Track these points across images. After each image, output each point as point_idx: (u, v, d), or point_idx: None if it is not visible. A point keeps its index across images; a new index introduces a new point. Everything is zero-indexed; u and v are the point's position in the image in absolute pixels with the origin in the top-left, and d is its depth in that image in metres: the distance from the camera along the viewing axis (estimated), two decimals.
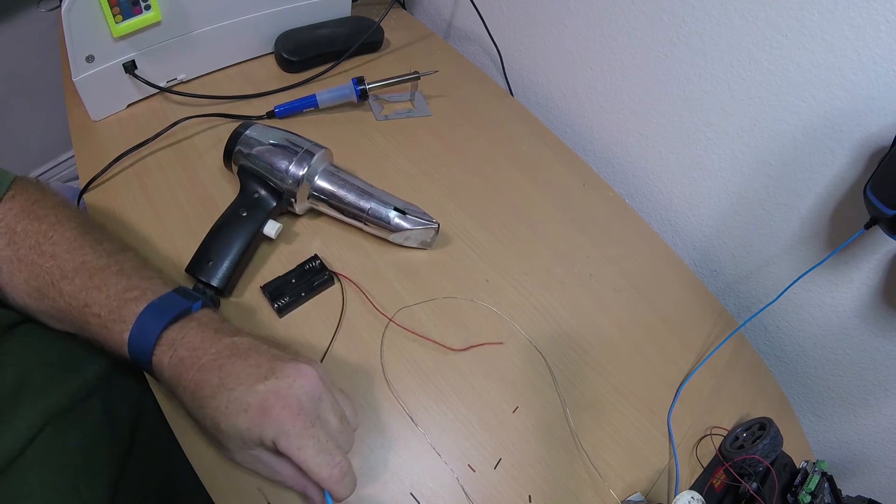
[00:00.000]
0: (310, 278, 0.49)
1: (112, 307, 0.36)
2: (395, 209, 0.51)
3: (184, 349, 0.35)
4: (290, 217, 0.54)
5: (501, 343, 0.50)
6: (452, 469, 0.43)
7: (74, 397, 0.39)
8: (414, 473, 0.42)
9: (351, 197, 0.51)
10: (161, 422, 0.40)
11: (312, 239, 0.54)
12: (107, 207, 0.52)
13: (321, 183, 0.51)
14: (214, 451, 0.39)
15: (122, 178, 0.54)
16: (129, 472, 0.40)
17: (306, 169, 0.49)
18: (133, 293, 0.36)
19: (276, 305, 0.47)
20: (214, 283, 0.45)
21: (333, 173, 0.52)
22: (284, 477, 0.36)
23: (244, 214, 0.49)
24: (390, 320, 0.49)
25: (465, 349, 0.49)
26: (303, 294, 0.48)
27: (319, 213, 0.55)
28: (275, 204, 0.50)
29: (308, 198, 0.52)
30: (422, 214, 0.52)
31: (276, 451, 0.33)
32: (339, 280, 0.51)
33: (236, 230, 0.48)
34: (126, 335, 0.35)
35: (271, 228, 0.49)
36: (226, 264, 0.46)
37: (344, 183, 0.51)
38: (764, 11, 0.51)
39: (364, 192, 0.51)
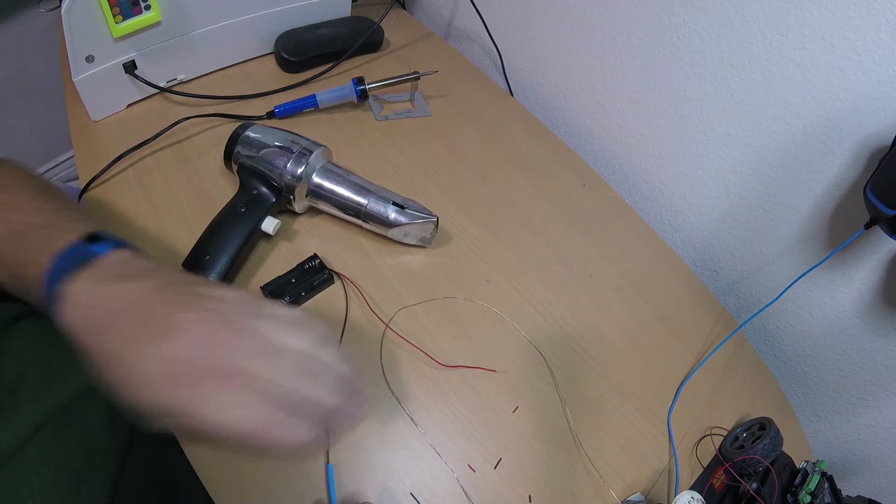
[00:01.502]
0: (309, 278, 0.49)
1: (39, 264, 0.32)
2: (394, 203, 0.51)
3: (80, 307, 0.30)
4: (290, 216, 0.54)
5: (495, 371, 0.48)
6: (452, 469, 0.43)
7: (74, 396, 0.39)
8: (414, 473, 0.42)
9: (348, 192, 0.51)
10: None
11: (311, 238, 0.54)
12: (107, 207, 0.52)
13: (319, 180, 0.51)
14: (214, 450, 0.39)
15: (122, 178, 0.54)
16: (129, 470, 0.40)
17: (304, 166, 0.49)
18: (56, 245, 0.32)
19: None
20: (211, 278, 0.45)
21: (331, 170, 0.52)
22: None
23: (242, 210, 0.49)
24: (387, 326, 0.48)
25: (454, 367, 0.47)
26: (303, 294, 0.48)
27: (319, 212, 0.55)
28: (273, 200, 0.50)
29: (306, 195, 0.52)
30: (420, 209, 0.52)
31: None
32: (340, 279, 0.51)
33: (234, 226, 0.48)
34: (43, 294, 0.31)
35: (269, 224, 0.49)
36: (223, 259, 0.46)
37: (341, 179, 0.51)
38: (764, 11, 0.51)
39: (362, 188, 0.51)
